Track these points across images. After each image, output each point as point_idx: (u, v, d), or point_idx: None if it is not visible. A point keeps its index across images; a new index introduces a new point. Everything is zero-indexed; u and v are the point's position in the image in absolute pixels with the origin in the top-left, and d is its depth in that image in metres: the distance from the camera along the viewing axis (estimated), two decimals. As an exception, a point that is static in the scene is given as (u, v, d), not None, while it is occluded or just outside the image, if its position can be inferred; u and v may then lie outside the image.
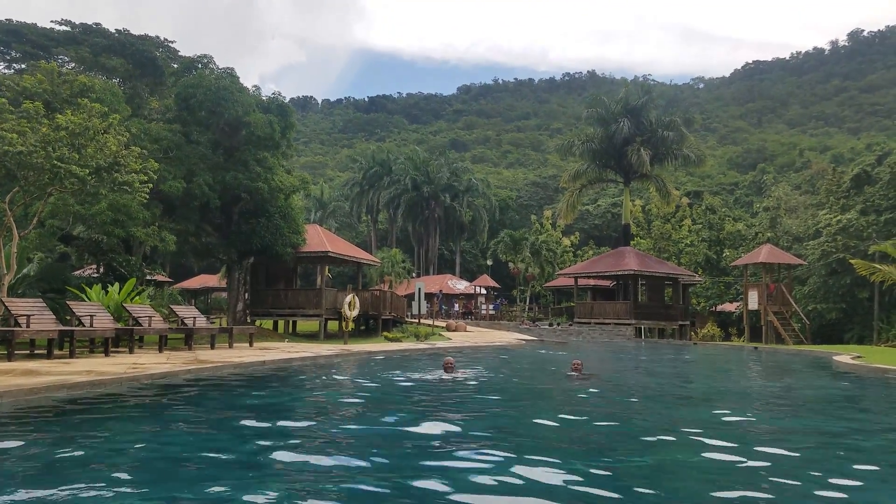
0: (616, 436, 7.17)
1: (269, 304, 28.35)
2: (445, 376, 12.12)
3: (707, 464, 5.65)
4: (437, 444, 6.36)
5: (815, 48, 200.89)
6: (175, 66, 27.26)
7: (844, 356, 19.19)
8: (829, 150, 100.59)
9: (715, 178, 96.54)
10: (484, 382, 12.48)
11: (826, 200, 44.90)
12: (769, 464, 5.58)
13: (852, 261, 28.68)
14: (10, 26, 25.93)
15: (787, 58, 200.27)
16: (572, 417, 8.42)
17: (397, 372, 14.22)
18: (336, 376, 13.51)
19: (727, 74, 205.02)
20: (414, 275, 57.09)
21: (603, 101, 45.06)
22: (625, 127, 42.14)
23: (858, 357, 18.71)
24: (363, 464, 5.35)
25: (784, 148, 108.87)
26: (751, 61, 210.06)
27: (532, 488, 4.55)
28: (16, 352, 12.14)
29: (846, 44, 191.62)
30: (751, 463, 5.56)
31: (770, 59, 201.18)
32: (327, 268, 35.46)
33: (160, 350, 15.32)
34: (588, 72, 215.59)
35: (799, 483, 4.93)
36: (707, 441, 6.47)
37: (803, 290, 40.01)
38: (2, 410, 7.30)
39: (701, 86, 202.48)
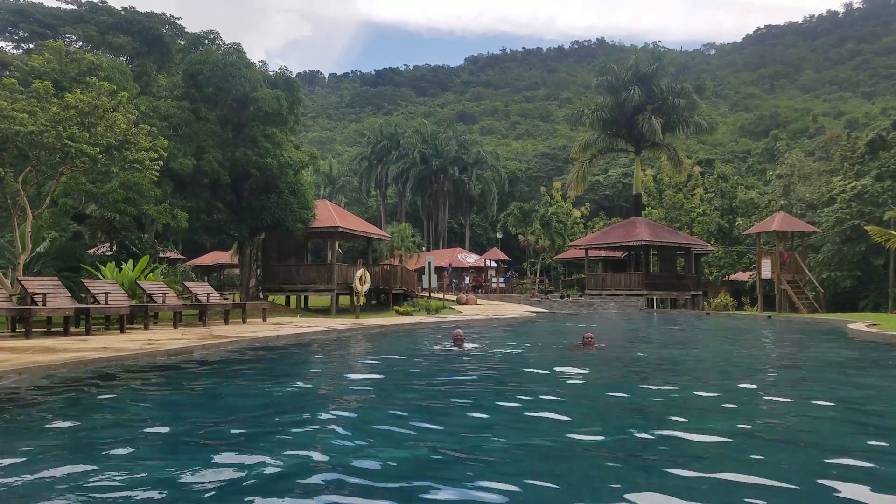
0: (626, 406, 7.19)
1: (281, 280, 28.49)
2: (455, 349, 12.19)
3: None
4: (451, 411, 6.41)
5: (828, 11, 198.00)
6: (181, 42, 27.14)
7: (859, 324, 19.09)
8: (844, 115, 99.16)
9: (727, 145, 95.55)
10: (494, 354, 12.53)
11: (840, 166, 44.37)
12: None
13: (867, 227, 28.43)
14: (17, 6, 25.89)
15: (800, 21, 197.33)
16: (583, 389, 8.45)
17: (409, 344, 14.31)
18: (349, 349, 13.62)
19: (738, 40, 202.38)
20: (424, 249, 57.19)
21: (613, 69, 44.45)
22: (635, 95, 41.61)
23: (874, 325, 18.61)
24: (383, 431, 5.40)
25: (797, 114, 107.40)
26: (762, 26, 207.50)
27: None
28: (33, 330, 12.30)
29: (860, 6, 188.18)
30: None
31: (782, 24, 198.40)
32: (338, 243, 35.51)
33: (175, 326, 15.46)
34: (597, 39, 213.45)
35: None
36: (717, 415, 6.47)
37: (817, 258, 39.78)
38: (22, 386, 7.40)
39: (712, 52, 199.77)
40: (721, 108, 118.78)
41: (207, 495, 3.77)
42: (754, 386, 8.71)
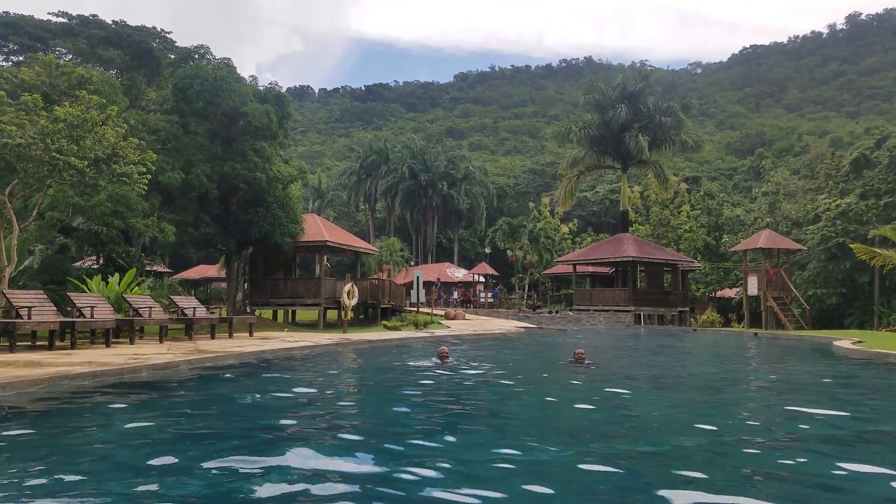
0: (616, 423, 7.21)
1: (269, 294, 28.39)
2: (440, 364, 12.17)
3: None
4: (433, 429, 6.41)
5: (812, 32, 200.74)
6: (172, 56, 27.16)
7: (845, 341, 19.24)
8: (828, 134, 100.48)
9: (713, 163, 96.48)
10: (480, 370, 12.53)
11: (825, 185, 44.86)
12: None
13: (852, 245, 28.68)
14: (7, 19, 25.85)
15: (785, 42, 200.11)
16: (580, 405, 8.47)
17: (395, 360, 14.29)
18: (336, 364, 13.57)
19: (725, 59, 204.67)
20: (412, 263, 57.13)
21: (600, 88, 44.92)
22: (622, 113, 42.04)
23: (859, 342, 18.76)
24: (364, 452, 5.40)
25: (782, 132, 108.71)
26: (748, 45, 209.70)
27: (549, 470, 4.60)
28: (17, 343, 12.18)
29: (844, 27, 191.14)
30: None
31: (768, 44, 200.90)
32: (326, 257, 35.44)
33: (161, 340, 15.35)
34: (585, 58, 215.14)
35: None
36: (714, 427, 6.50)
37: (803, 275, 40.06)
38: (6, 402, 7.33)
39: (698, 71, 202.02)
40: (707, 127, 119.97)
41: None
42: (745, 401, 8.77)
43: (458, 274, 56.92)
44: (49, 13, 26.15)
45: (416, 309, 32.03)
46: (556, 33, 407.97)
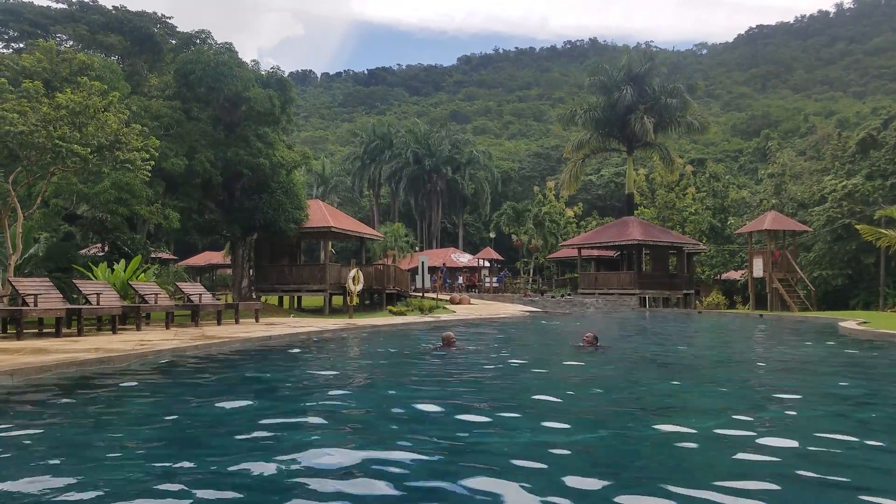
0: (631, 402, 7.20)
1: (274, 280, 28.42)
2: (447, 350, 12.16)
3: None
4: (443, 412, 6.41)
5: (819, 11, 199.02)
6: (173, 42, 27.06)
7: (850, 322, 19.21)
8: (835, 114, 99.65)
9: (719, 145, 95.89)
10: (488, 354, 12.52)
11: (831, 166, 44.63)
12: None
13: (858, 226, 28.54)
14: (7, 5, 25.77)
15: (792, 21, 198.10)
16: (594, 386, 8.46)
17: (400, 345, 14.31)
18: (342, 349, 13.60)
19: (730, 40, 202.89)
20: (417, 249, 57.18)
21: (605, 69, 44.61)
22: (627, 95, 41.76)
23: (864, 322, 18.73)
24: (373, 439, 5.40)
25: (789, 113, 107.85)
26: (754, 26, 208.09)
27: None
28: (25, 331, 12.23)
29: (851, 6, 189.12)
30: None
31: (774, 23, 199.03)
32: (331, 243, 35.43)
33: (167, 327, 15.40)
34: (590, 39, 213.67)
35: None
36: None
37: (808, 257, 39.96)
38: (15, 388, 7.36)
39: (704, 52, 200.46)
40: (713, 108, 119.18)
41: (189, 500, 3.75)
42: (752, 382, 8.76)
43: (463, 259, 56.92)
44: (49, -1, 26.08)
45: (421, 294, 32.05)
46: (561, 15, 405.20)
